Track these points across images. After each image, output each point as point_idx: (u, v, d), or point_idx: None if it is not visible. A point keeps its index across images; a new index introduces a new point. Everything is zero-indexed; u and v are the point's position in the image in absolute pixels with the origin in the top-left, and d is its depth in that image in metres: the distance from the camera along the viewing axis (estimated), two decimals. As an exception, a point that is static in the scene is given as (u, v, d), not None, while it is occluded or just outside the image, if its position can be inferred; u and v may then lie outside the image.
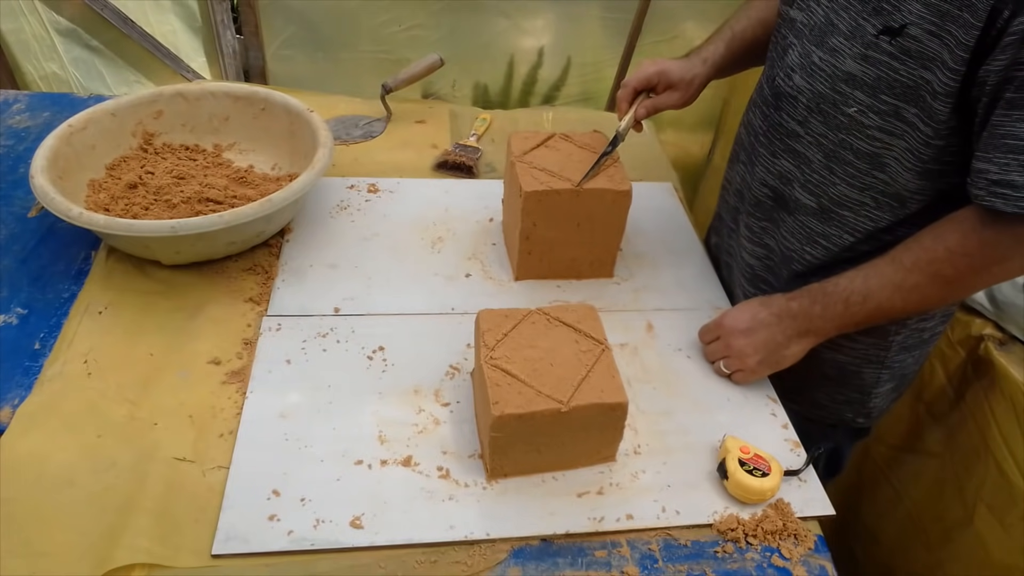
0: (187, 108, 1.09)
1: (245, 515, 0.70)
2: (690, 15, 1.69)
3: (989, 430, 0.87)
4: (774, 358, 0.84)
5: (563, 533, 0.72)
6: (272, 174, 1.08)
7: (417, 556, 0.69)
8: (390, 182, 1.14)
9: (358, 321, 0.91)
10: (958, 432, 0.92)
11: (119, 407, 0.78)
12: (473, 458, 0.77)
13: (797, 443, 0.83)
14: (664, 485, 0.77)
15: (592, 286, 1.01)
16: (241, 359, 0.85)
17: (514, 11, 1.63)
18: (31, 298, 0.89)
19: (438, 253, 1.03)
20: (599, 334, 0.77)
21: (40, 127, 1.17)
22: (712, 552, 0.72)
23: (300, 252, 1.00)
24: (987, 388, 0.88)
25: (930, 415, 0.97)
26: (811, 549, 0.73)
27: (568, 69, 1.75)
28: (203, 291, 0.92)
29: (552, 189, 0.89)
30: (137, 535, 0.67)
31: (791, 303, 0.83)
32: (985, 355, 0.88)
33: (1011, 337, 0.89)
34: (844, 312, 0.80)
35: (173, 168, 1.03)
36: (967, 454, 0.90)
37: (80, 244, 0.97)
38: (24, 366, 0.82)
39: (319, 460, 0.75)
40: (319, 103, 1.10)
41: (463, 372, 0.86)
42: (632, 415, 0.82)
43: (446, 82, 1.72)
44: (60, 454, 0.73)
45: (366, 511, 0.71)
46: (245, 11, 1.55)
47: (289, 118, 1.08)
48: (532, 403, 0.69)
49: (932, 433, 0.96)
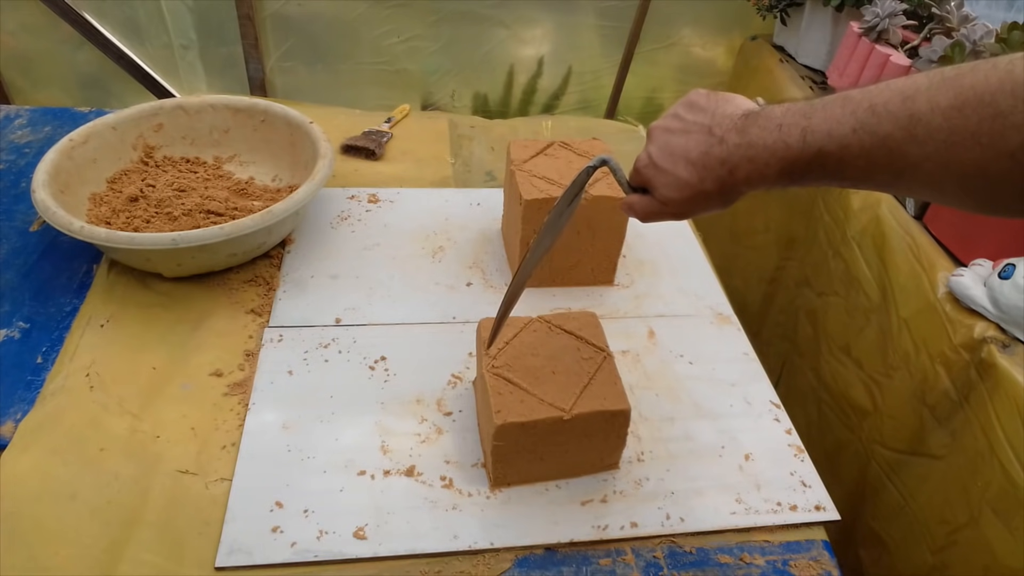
0: (187, 121, 1.10)
1: (248, 527, 0.69)
2: (687, 21, 1.70)
3: (993, 433, 0.86)
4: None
5: (567, 542, 0.71)
6: (273, 185, 1.08)
7: (421, 566, 0.68)
8: (390, 192, 1.15)
9: (360, 331, 0.91)
10: (962, 435, 0.92)
11: (121, 420, 0.78)
12: (476, 467, 0.77)
13: (801, 448, 0.83)
14: (668, 492, 0.77)
15: (593, 293, 1.01)
16: (243, 371, 0.85)
17: (513, 21, 1.64)
18: (33, 312, 0.89)
19: (439, 262, 1.03)
20: (601, 341, 0.77)
21: (41, 141, 1.18)
22: (717, 559, 0.72)
23: (301, 263, 1.00)
24: (991, 391, 0.88)
25: (934, 418, 0.97)
26: (817, 555, 0.73)
27: (568, 78, 1.75)
28: (205, 303, 0.92)
29: (552, 197, 0.89)
30: (140, 548, 0.67)
31: None
32: (988, 358, 0.88)
33: (1014, 339, 0.89)
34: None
35: (174, 181, 1.03)
36: (972, 457, 0.90)
37: (82, 258, 0.97)
38: (26, 380, 0.82)
39: (322, 471, 0.75)
40: (319, 115, 1.11)
41: (465, 381, 0.86)
42: (635, 422, 0.82)
43: (445, 92, 1.73)
44: (62, 468, 0.73)
45: (369, 522, 0.71)
46: (245, 23, 1.55)
47: (289, 130, 1.08)
48: (534, 411, 0.69)
49: (936, 436, 0.96)
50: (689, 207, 0.60)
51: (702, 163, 0.57)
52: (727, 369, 0.92)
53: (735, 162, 0.55)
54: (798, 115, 0.52)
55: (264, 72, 1.64)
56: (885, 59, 1.23)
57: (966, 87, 0.44)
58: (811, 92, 1.43)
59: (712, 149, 0.57)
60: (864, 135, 0.48)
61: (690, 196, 0.59)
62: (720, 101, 0.59)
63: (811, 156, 0.51)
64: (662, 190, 0.61)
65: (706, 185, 0.58)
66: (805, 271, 1.32)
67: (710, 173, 0.57)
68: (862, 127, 0.48)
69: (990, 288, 0.90)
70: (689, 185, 0.58)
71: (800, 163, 0.52)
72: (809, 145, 0.51)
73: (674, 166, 0.59)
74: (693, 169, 0.58)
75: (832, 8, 1.41)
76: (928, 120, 0.45)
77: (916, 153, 0.46)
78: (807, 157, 0.51)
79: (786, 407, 0.89)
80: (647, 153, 0.62)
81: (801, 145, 0.51)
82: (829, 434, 1.19)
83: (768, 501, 0.77)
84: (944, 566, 0.94)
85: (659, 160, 0.60)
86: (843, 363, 1.16)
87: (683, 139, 0.59)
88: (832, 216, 1.24)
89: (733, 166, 0.56)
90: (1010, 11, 1.36)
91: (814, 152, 0.51)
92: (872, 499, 1.08)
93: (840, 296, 1.19)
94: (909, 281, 1.02)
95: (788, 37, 1.57)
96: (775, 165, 0.53)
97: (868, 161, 0.49)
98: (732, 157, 0.55)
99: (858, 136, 0.48)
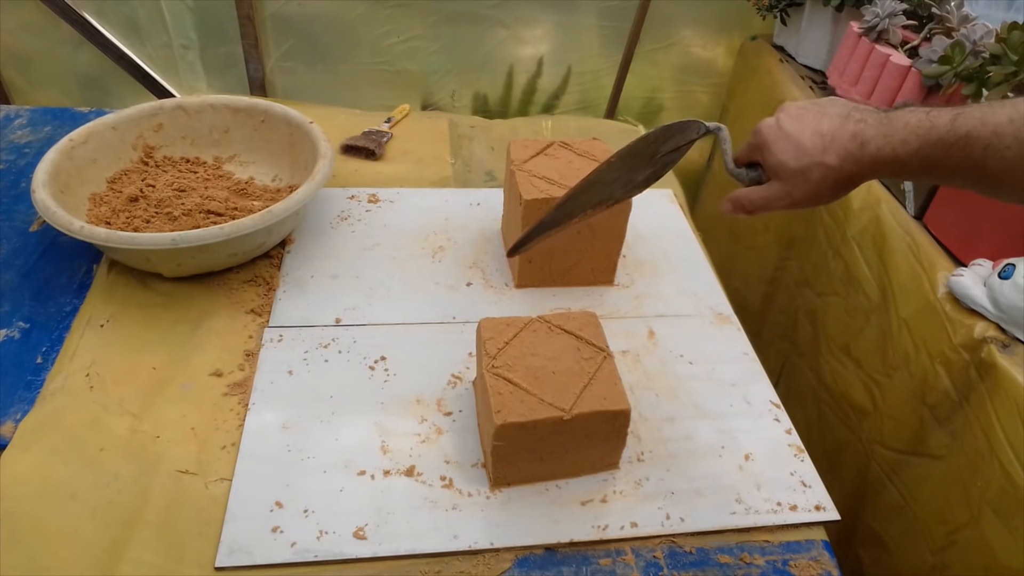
0: (187, 121, 1.10)
1: (248, 527, 0.69)
2: (688, 21, 1.69)
3: (993, 433, 0.86)
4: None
5: (567, 542, 0.71)
6: (273, 186, 1.08)
7: (421, 566, 0.68)
8: (390, 192, 1.15)
9: (360, 331, 0.91)
10: (962, 435, 0.92)
11: (121, 420, 0.78)
12: (476, 467, 0.77)
13: (801, 448, 0.83)
14: (668, 492, 0.77)
15: (593, 293, 1.01)
16: (243, 371, 0.85)
17: (512, 21, 1.64)
18: (33, 312, 0.89)
19: (439, 262, 1.03)
20: (601, 341, 0.77)
21: (41, 142, 1.18)
22: (717, 559, 0.72)
23: (301, 263, 1.00)
24: (991, 391, 0.88)
25: (934, 418, 0.97)
26: (817, 555, 0.73)
27: (568, 78, 1.75)
28: (205, 303, 0.92)
29: (552, 197, 0.89)
30: (140, 549, 0.67)
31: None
32: (988, 358, 0.88)
33: (1014, 339, 0.88)
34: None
35: (174, 181, 1.03)
36: (972, 457, 0.90)
37: (82, 258, 0.97)
38: (26, 380, 0.82)
39: (322, 471, 0.75)
40: (319, 115, 1.11)
41: (465, 381, 0.86)
42: (635, 422, 0.82)
43: (445, 92, 1.73)
44: (62, 468, 0.73)
45: (369, 522, 0.71)
46: (245, 23, 1.55)
47: (289, 130, 1.08)
48: (534, 411, 0.69)
49: (936, 436, 0.96)
50: (802, 184, 0.56)
51: (831, 134, 0.55)
52: (727, 369, 0.92)
53: (868, 135, 0.54)
54: (951, 108, 0.52)
55: (264, 72, 1.64)
56: (885, 59, 1.23)
57: None
58: (811, 92, 1.43)
59: (847, 124, 0.55)
60: (1021, 125, 0.48)
61: (806, 167, 0.55)
62: (862, 103, 0.58)
63: (956, 139, 0.50)
64: (778, 154, 0.57)
65: (828, 157, 0.55)
66: (805, 271, 1.32)
67: (836, 144, 0.54)
68: (1021, 117, 0.49)
69: (990, 288, 0.90)
70: (809, 154, 0.55)
71: (942, 144, 0.51)
72: (957, 127, 0.50)
73: (800, 131, 0.56)
74: (819, 139, 0.55)
75: (832, 8, 1.41)
76: (989, 144, 0.48)
77: None
78: (951, 139, 0.51)
79: (786, 407, 0.89)
80: (775, 118, 0.59)
81: (949, 126, 0.51)
82: (829, 434, 1.19)
83: (768, 501, 0.77)
84: (944, 566, 0.94)
85: (785, 124, 0.57)
86: (843, 363, 1.16)
87: (817, 115, 0.57)
88: (832, 216, 1.24)
89: (866, 139, 0.54)
90: (1010, 11, 1.36)
91: (961, 135, 0.50)
92: (872, 499, 1.08)
93: (840, 296, 1.19)
94: (909, 281, 1.02)
95: (788, 37, 1.57)
96: (914, 143, 0.52)
97: (1018, 153, 0.48)
98: (867, 131, 0.54)
99: (1014, 126, 0.49)
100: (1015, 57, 1.00)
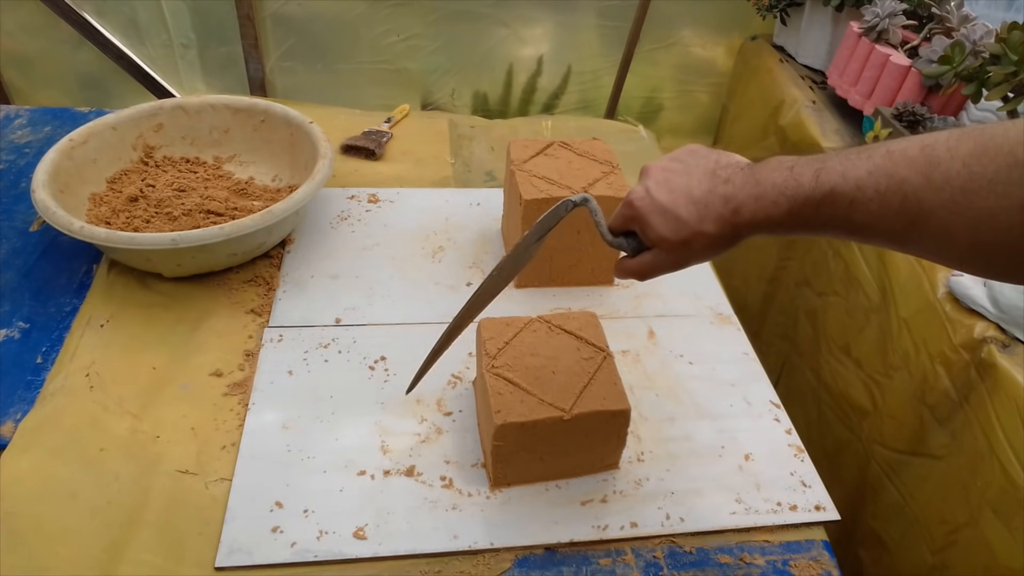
0: (187, 121, 1.10)
1: (248, 527, 0.69)
2: (688, 21, 1.70)
3: (993, 433, 0.86)
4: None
5: (567, 542, 0.71)
6: (273, 185, 1.08)
7: (421, 566, 0.68)
8: (390, 192, 1.15)
9: (359, 331, 0.91)
10: (962, 435, 0.92)
11: (121, 420, 0.78)
12: (476, 467, 0.77)
13: (801, 448, 0.83)
14: (668, 492, 0.77)
15: (593, 293, 1.01)
16: (243, 371, 0.85)
17: (512, 20, 1.64)
18: (33, 312, 0.89)
19: (439, 262, 1.03)
20: (601, 341, 0.77)
21: (41, 141, 1.18)
22: (717, 559, 0.72)
23: (301, 263, 1.00)
24: (991, 391, 0.88)
25: (934, 418, 0.96)
26: (817, 555, 0.73)
27: (568, 77, 1.75)
28: (205, 303, 0.92)
29: (552, 197, 0.89)
30: (140, 549, 0.67)
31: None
32: (988, 358, 0.88)
33: (1014, 339, 0.88)
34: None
35: (174, 181, 1.03)
36: (972, 457, 0.90)
37: (82, 258, 0.97)
38: (26, 380, 0.82)
39: (322, 471, 0.75)
40: (319, 115, 1.11)
41: (465, 381, 0.86)
42: (635, 422, 0.82)
43: (445, 92, 1.73)
44: (62, 468, 0.73)
45: (369, 522, 0.71)
46: (245, 23, 1.55)
47: (289, 130, 1.08)
48: (534, 411, 0.69)
49: (936, 436, 0.96)
50: (684, 252, 0.57)
51: (704, 201, 0.55)
52: (727, 369, 0.92)
53: (740, 200, 0.54)
54: (811, 161, 0.51)
55: (264, 72, 1.64)
56: (885, 59, 1.23)
57: (987, 136, 0.44)
58: (811, 92, 1.43)
59: (716, 188, 0.55)
60: (880, 177, 0.47)
61: (687, 238, 0.56)
62: (721, 152, 0.58)
63: (822, 196, 0.50)
64: (657, 228, 0.57)
65: (705, 226, 0.55)
66: (805, 271, 1.32)
67: (711, 212, 0.55)
68: (878, 169, 0.47)
69: (990, 288, 0.90)
70: (687, 225, 0.55)
71: (810, 203, 0.50)
72: (821, 184, 0.50)
73: (673, 203, 0.56)
74: (694, 208, 0.55)
75: (832, 8, 1.41)
76: (947, 166, 0.45)
77: (931, 199, 0.45)
78: (818, 197, 0.50)
79: (786, 407, 0.89)
80: (643, 187, 0.58)
81: (813, 184, 0.50)
82: (829, 434, 1.19)
83: (768, 501, 0.77)
84: (944, 566, 0.94)
85: (657, 194, 0.57)
86: (843, 363, 1.16)
87: (684, 178, 0.57)
88: (832, 216, 1.24)
89: (738, 204, 0.54)
90: (1010, 11, 1.36)
91: (826, 191, 0.49)
92: (872, 499, 1.08)
93: (840, 296, 1.19)
94: (909, 281, 1.02)
95: (788, 37, 1.57)
96: (784, 204, 0.52)
97: (881, 205, 0.47)
98: (738, 195, 0.54)
99: (873, 178, 0.47)
100: (1015, 57, 1.00)
